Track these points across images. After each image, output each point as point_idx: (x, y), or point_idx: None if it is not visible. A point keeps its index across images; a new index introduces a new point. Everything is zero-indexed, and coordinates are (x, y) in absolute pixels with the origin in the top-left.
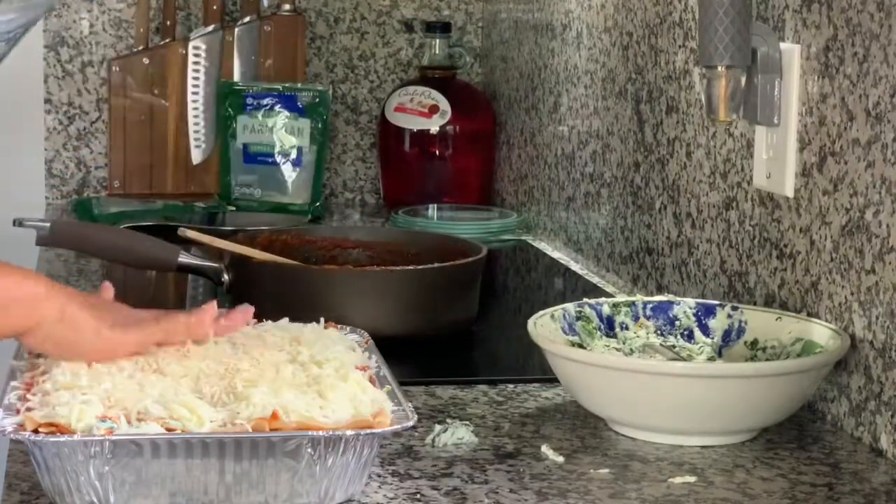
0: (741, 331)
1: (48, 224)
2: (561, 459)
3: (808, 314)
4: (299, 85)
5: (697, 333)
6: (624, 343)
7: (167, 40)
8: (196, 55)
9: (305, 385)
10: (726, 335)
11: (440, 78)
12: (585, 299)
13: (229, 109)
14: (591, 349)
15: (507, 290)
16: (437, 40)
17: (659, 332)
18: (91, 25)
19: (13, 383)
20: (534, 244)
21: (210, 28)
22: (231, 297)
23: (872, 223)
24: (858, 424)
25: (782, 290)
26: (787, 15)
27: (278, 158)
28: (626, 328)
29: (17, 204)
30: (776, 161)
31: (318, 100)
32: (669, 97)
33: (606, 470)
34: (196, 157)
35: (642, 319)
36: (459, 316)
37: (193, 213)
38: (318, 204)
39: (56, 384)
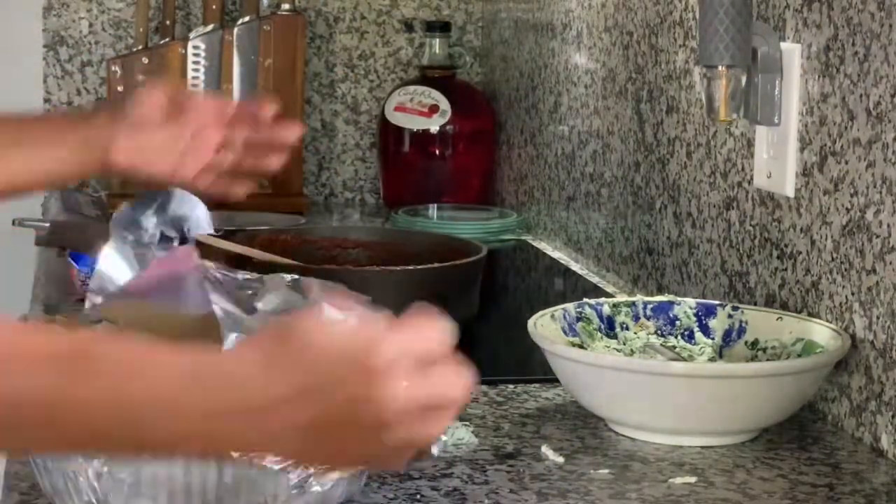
0: (742, 331)
1: (47, 224)
2: (561, 460)
3: (809, 314)
4: None
5: (698, 334)
6: (624, 343)
7: (167, 40)
8: (196, 55)
9: None
10: (727, 335)
11: (440, 78)
12: (586, 299)
13: None
14: (592, 350)
15: (507, 290)
16: (437, 40)
17: (659, 332)
18: (90, 25)
19: None
20: (534, 244)
21: (210, 28)
22: None
23: (873, 223)
24: (859, 425)
25: (783, 290)
26: (788, 14)
27: None
28: (627, 328)
29: (17, 204)
30: (777, 161)
31: None
32: (670, 97)
33: (606, 470)
34: None
35: (643, 319)
36: (459, 316)
37: None
38: None
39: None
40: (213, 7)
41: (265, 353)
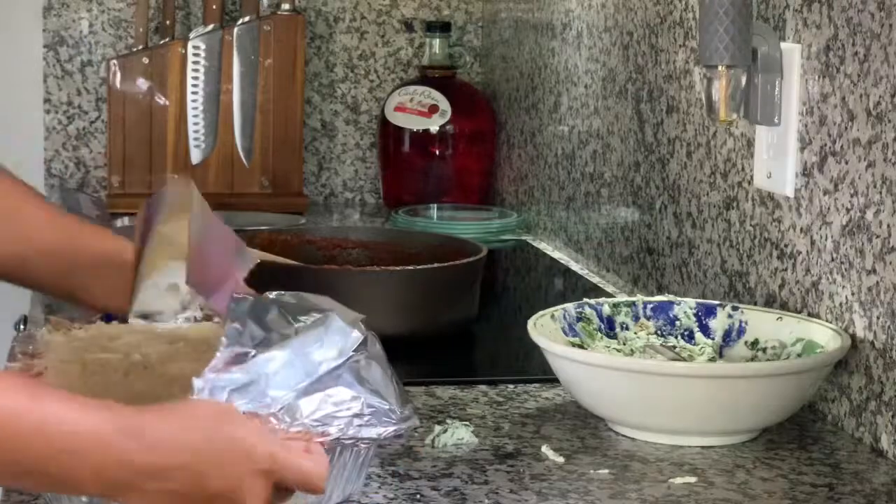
0: (741, 331)
1: None
2: (561, 460)
3: (809, 314)
4: None
5: (698, 334)
6: (624, 344)
7: (167, 40)
8: (196, 55)
9: None
10: (727, 335)
11: (440, 78)
12: (586, 299)
13: None
14: (592, 350)
15: (507, 290)
16: (437, 40)
17: (659, 332)
18: (90, 25)
19: None
20: (534, 244)
21: (210, 27)
22: None
23: (873, 223)
24: (859, 425)
25: (783, 290)
26: (788, 14)
27: None
28: (627, 328)
29: None
30: (777, 161)
31: None
32: (670, 97)
33: (606, 470)
34: (195, 157)
35: (643, 320)
36: (459, 316)
37: None
38: None
39: (51, 385)
40: (213, 7)
41: (177, 421)
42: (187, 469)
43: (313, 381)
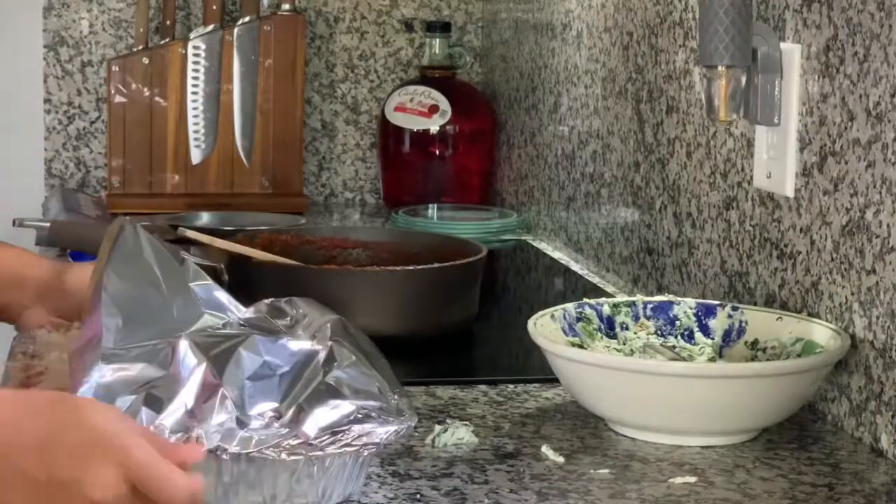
0: (741, 331)
1: (47, 224)
2: (561, 460)
3: (809, 314)
4: None
5: (698, 334)
6: (624, 343)
7: (167, 40)
8: (196, 55)
9: None
10: (727, 335)
11: (440, 78)
12: (585, 299)
13: None
14: (592, 350)
15: (507, 290)
16: (437, 40)
17: (659, 332)
18: (91, 25)
19: (9, 384)
20: (534, 244)
21: (210, 28)
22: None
23: (873, 223)
24: (859, 425)
25: (783, 290)
26: (788, 15)
27: None
28: (627, 328)
29: (17, 204)
30: (776, 161)
31: None
32: (670, 97)
33: (606, 470)
34: (195, 157)
35: (643, 320)
36: (459, 316)
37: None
38: None
39: (51, 386)
40: (213, 7)
41: (31, 403)
42: (35, 451)
43: (297, 398)
